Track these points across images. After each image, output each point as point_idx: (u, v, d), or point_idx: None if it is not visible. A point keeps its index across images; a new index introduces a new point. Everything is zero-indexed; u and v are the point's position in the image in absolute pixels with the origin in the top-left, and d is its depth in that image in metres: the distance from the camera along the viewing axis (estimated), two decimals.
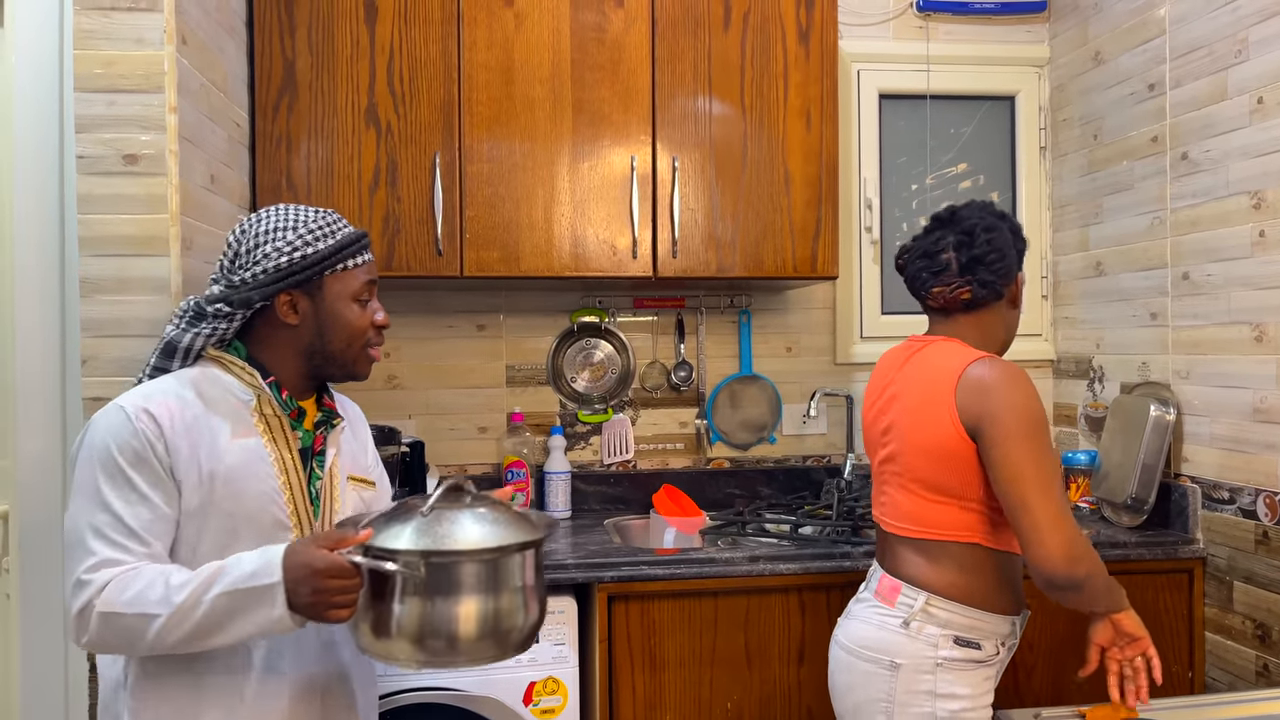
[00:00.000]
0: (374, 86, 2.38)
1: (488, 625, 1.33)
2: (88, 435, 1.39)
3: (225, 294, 1.46)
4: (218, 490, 1.40)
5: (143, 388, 1.43)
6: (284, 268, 1.44)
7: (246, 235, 1.47)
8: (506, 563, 1.35)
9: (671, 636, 2.25)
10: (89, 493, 1.35)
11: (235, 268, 1.47)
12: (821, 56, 2.55)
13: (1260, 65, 2.19)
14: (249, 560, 1.32)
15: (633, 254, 2.50)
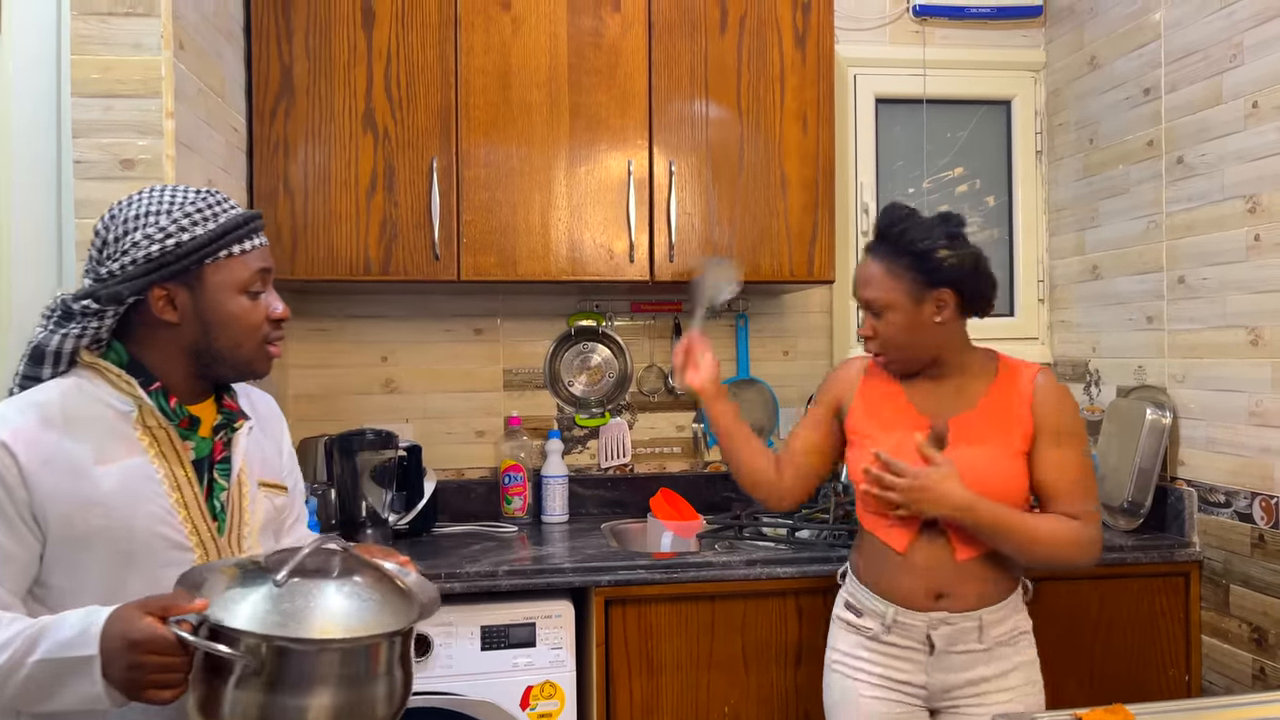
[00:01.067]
0: (371, 91, 2.39)
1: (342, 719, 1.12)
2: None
3: (92, 289, 1.27)
4: (95, 520, 1.23)
5: (3, 412, 1.25)
6: (155, 257, 1.26)
7: (115, 221, 1.28)
8: (368, 652, 1.13)
9: (668, 640, 2.26)
10: None
11: (103, 258, 1.28)
12: (818, 60, 2.56)
13: (1255, 70, 2.20)
14: (70, 623, 1.15)
15: (630, 258, 2.50)
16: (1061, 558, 1.75)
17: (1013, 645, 1.81)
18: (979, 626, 1.78)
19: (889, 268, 1.77)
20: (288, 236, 2.36)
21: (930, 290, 1.76)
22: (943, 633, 1.79)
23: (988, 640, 1.78)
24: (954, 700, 1.81)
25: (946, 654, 1.80)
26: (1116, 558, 2.34)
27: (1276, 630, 2.16)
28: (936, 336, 1.79)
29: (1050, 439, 1.76)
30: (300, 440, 2.66)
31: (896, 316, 1.77)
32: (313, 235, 2.37)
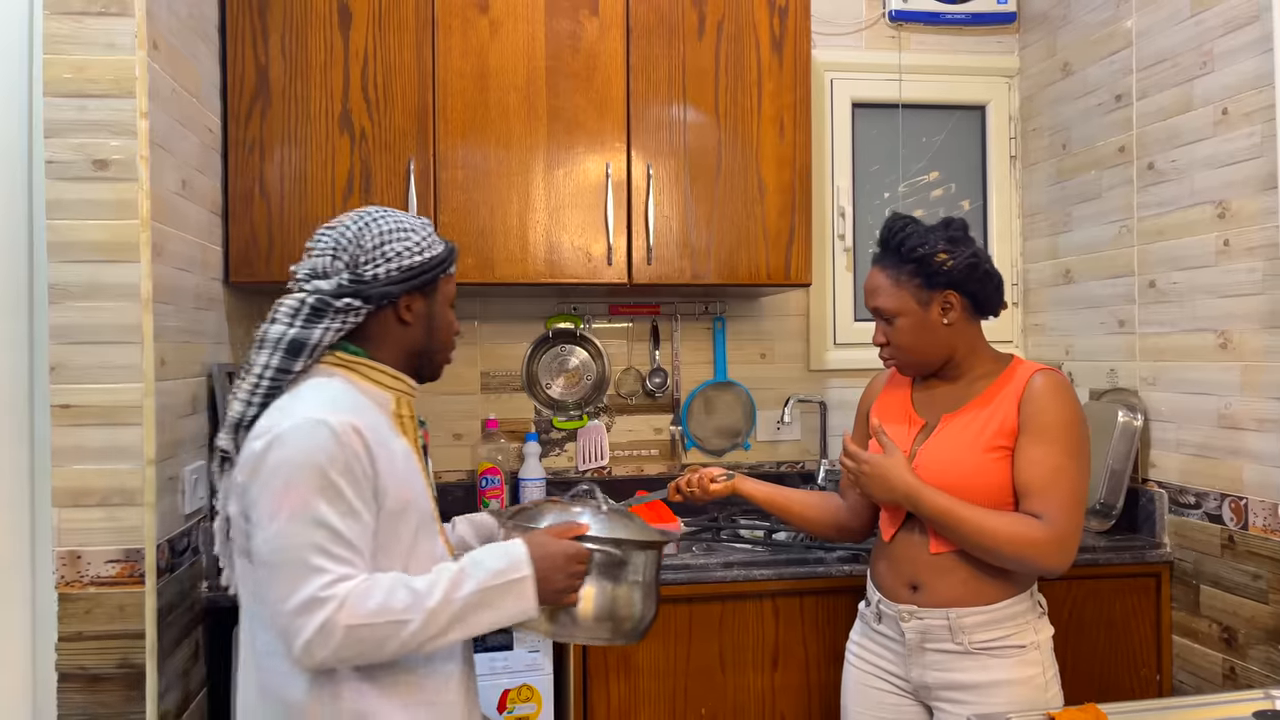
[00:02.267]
0: (348, 93, 2.38)
1: (648, 607, 1.61)
2: (286, 452, 1.34)
3: (356, 289, 1.45)
4: (405, 494, 1.44)
5: (323, 401, 1.39)
6: (414, 268, 1.48)
7: (367, 232, 1.47)
8: (659, 553, 1.65)
9: (646, 644, 2.26)
10: (299, 508, 1.32)
11: (360, 264, 1.46)
12: (795, 65, 2.57)
13: (1225, 77, 2.23)
14: (490, 558, 1.43)
15: (608, 261, 2.50)
16: (1018, 557, 1.70)
17: (1000, 656, 1.77)
18: (949, 626, 1.78)
19: (893, 276, 1.83)
20: (264, 238, 2.35)
21: (934, 293, 1.80)
22: (913, 625, 1.81)
23: (964, 643, 1.77)
24: (936, 701, 1.82)
25: (922, 650, 1.81)
26: (1089, 559, 2.37)
27: (1246, 630, 2.19)
28: (947, 338, 1.84)
29: (1030, 436, 1.75)
30: None
31: (906, 322, 1.83)
32: (289, 237, 2.35)
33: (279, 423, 1.36)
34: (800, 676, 2.31)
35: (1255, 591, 2.16)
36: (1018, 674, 1.77)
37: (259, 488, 1.35)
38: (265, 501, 1.34)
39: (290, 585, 1.31)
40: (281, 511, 1.32)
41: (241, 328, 2.50)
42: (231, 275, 2.34)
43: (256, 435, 1.38)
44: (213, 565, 2.11)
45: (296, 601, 1.30)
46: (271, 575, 1.33)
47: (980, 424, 1.80)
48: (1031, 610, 1.81)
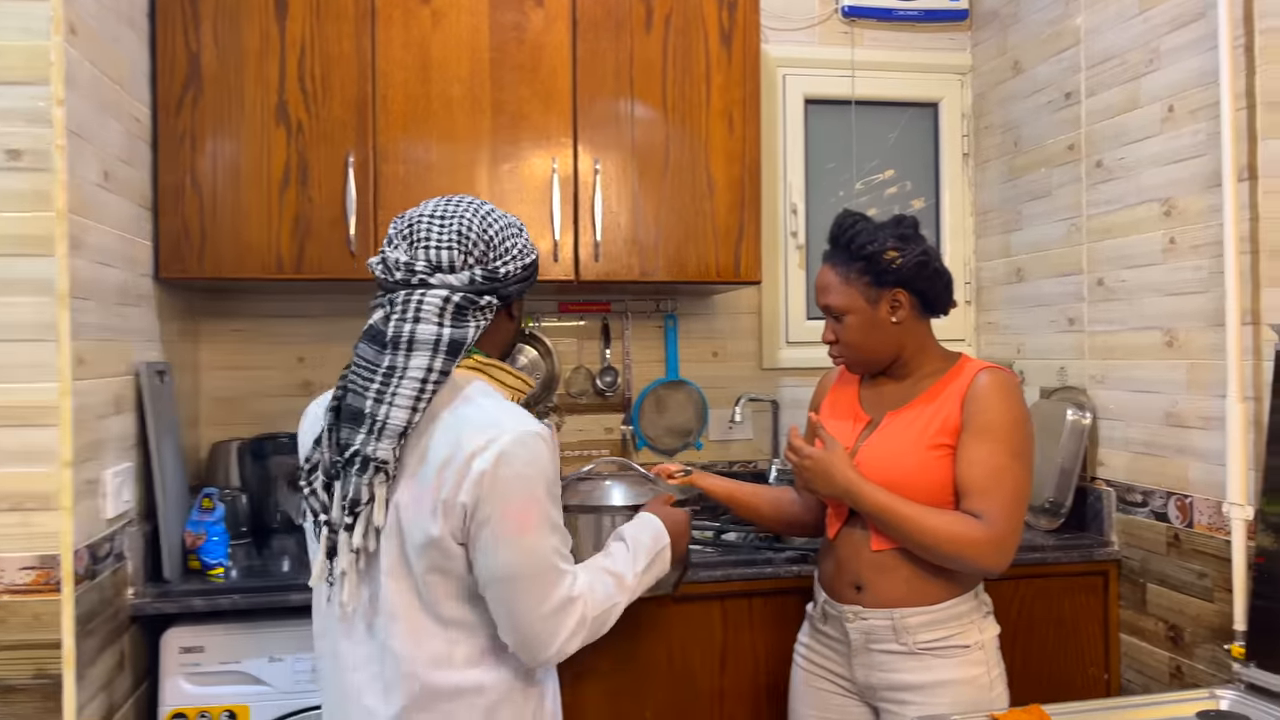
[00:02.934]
0: (284, 83, 2.31)
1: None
2: (517, 467, 1.34)
3: (493, 287, 1.41)
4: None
5: (513, 411, 1.40)
6: (530, 266, 1.48)
7: (491, 226, 1.43)
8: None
9: (594, 647, 2.17)
10: (542, 520, 1.38)
11: (493, 259, 1.42)
12: (744, 59, 2.54)
13: (1171, 75, 2.23)
14: (642, 532, 1.60)
15: (554, 257, 2.45)
16: (955, 555, 1.68)
17: (945, 656, 1.75)
18: (893, 626, 1.76)
19: (843, 273, 1.81)
20: (195, 233, 2.27)
21: (883, 292, 1.79)
22: (858, 626, 1.79)
23: (908, 644, 1.75)
24: (881, 702, 1.80)
25: (867, 650, 1.79)
26: (1037, 558, 2.36)
27: (1192, 629, 2.18)
28: (896, 336, 1.82)
29: (972, 435, 1.73)
30: (212, 445, 2.56)
31: (855, 320, 1.81)
32: (222, 231, 2.28)
33: (494, 438, 1.33)
34: (749, 678, 2.28)
35: (1201, 590, 2.15)
36: (962, 674, 1.75)
37: (495, 505, 1.33)
38: (509, 518, 1.34)
39: (543, 591, 1.37)
40: (529, 525, 1.35)
41: (175, 325, 2.42)
42: (161, 270, 2.26)
43: (469, 454, 1.32)
44: (141, 571, 2.04)
45: (552, 605, 1.38)
46: (521, 586, 1.36)
47: (924, 421, 1.78)
48: (976, 610, 1.79)
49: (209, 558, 2.16)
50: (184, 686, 2.05)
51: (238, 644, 2.07)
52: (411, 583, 1.38)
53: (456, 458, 1.33)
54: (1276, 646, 1.80)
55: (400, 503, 1.37)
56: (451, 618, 1.40)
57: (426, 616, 1.39)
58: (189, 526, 2.19)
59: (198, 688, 2.05)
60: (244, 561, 2.29)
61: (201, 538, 2.16)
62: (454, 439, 1.35)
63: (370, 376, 1.36)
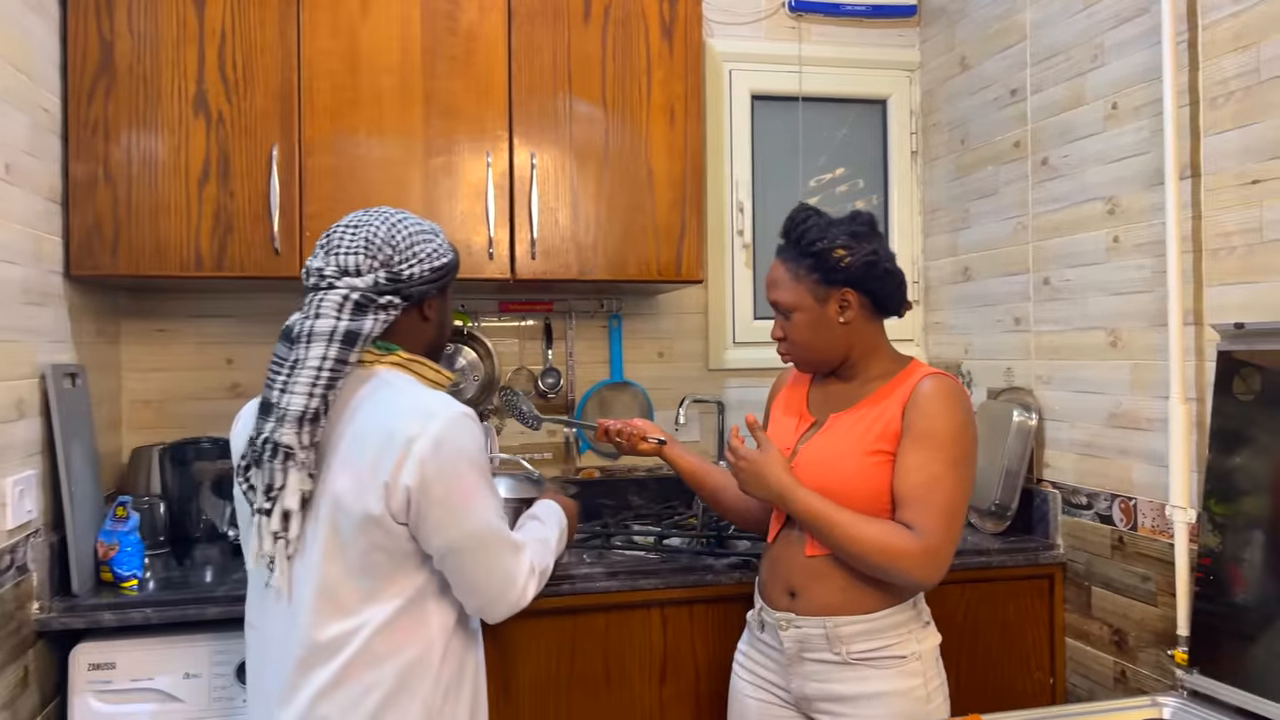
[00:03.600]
0: (204, 72, 2.21)
1: None
2: (457, 445, 1.44)
3: (395, 287, 1.50)
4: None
5: (441, 398, 1.48)
6: (440, 269, 1.55)
7: (399, 233, 1.53)
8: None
9: (525, 659, 2.14)
10: (485, 490, 1.50)
11: (397, 263, 1.51)
12: (685, 52, 2.48)
13: (1115, 71, 2.20)
14: (551, 512, 1.79)
15: (489, 255, 2.37)
16: (886, 566, 1.62)
17: (880, 667, 1.69)
18: (826, 635, 1.70)
19: (793, 270, 1.76)
20: (109, 228, 2.17)
21: (832, 290, 1.73)
22: (791, 634, 1.74)
23: (842, 653, 1.70)
24: (816, 713, 1.75)
25: (801, 660, 1.74)
26: (983, 561, 2.32)
27: (1136, 633, 2.15)
28: (844, 337, 1.76)
29: (910, 442, 1.68)
30: (134, 450, 2.46)
31: (802, 318, 1.75)
32: (137, 227, 2.18)
33: (428, 422, 1.42)
34: (689, 688, 2.22)
35: (1144, 594, 2.12)
36: (897, 685, 1.69)
37: (443, 484, 1.42)
38: (457, 494, 1.44)
39: (498, 552, 1.50)
40: (475, 496, 1.46)
41: (89, 325, 2.31)
42: (73, 268, 2.15)
43: (407, 439, 1.41)
44: (48, 584, 1.94)
45: (506, 562, 1.51)
46: (479, 552, 1.47)
47: (865, 425, 1.73)
48: (914, 620, 1.74)
49: (122, 569, 2.05)
50: (94, 705, 1.95)
51: (151, 660, 1.97)
52: (344, 565, 1.44)
53: (393, 442, 1.41)
54: (1220, 652, 1.77)
55: (337, 487, 1.44)
56: (382, 593, 1.46)
57: (356, 590, 1.45)
58: (101, 536, 2.08)
59: (109, 706, 1.95)
60: (161, 573, 2.19)
61: (114, 548, 2.06)
62: (386, 424, 1.43)
63: (279, 371, 1.46)
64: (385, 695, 1.45)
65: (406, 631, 1.47)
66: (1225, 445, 1.81)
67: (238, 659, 1.99)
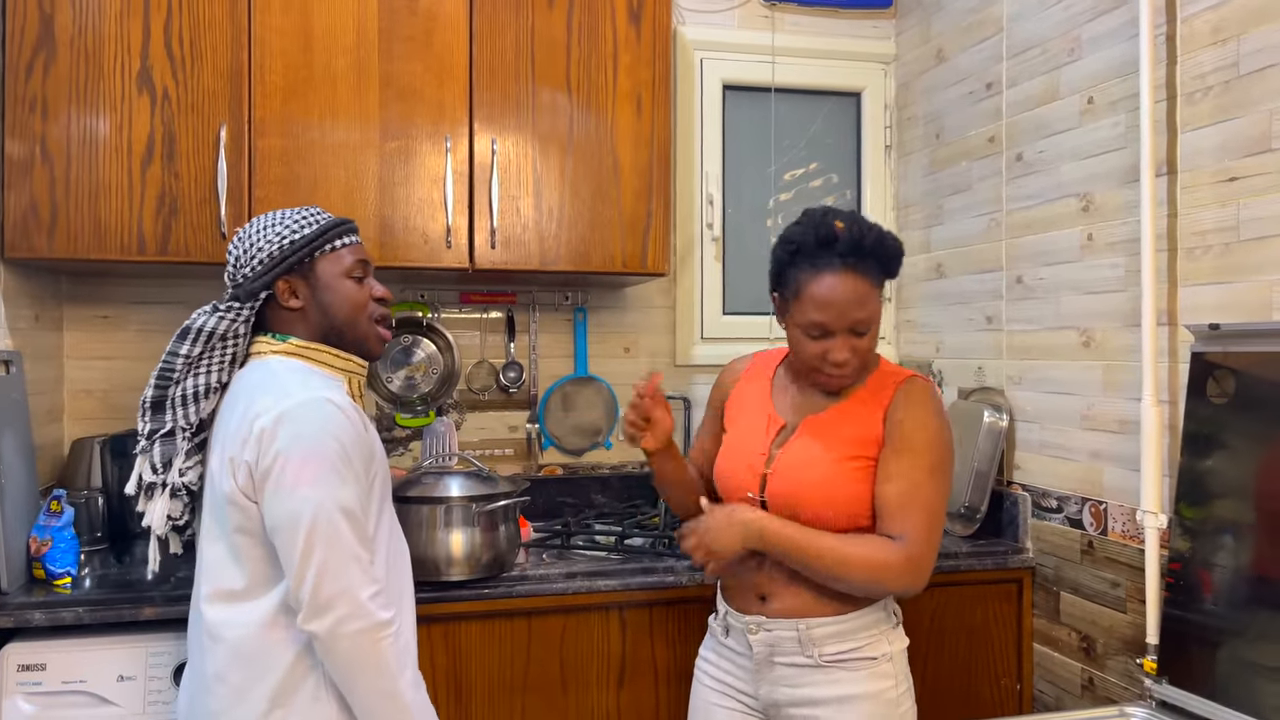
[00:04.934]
0: (148, 47, 2.11)
1: None
2: (304, 426, 1.46)
3: (235, 293, 1.59)
4: (384, 470, 1.60)
5: (311, 383, 1.51)
6: (276, 255, 1.57)
7: (243, 240, 1.61)
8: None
9: (479, 661, 2.06)
10: (322, 478, 1.45)
11: (238, 269, 1.60)
12: (654, 39, 2.40)
13: (1091, 64, 2.14)
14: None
15: (446, 243, 2.29)
16: (872, 581, 1.58)
17: (852, 669, 1.64)
18: (798, 638, 1.64)
19: (875, 281, 1.62)
20: (45, 209, 2.07)
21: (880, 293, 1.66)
22: (761, 638, 1.67)
23: (814, 655, 1.64)
24: (787, 719, 1.68)
25: (771, 664, 1.67)
26: (951, 564, 2.27)
27: (1104, 639, 2.10)
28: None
29: (892, 448, 1.63)
30: (74, 441, 2.36)
31: (875, 330, 1.65)
32: (76, 208, 2.08)
33: (279, 402, 1.46)
34: (649, 693, 2.15)
35: (1114, 600, 2.08)
36: (869, 687, 1.64)
37: (274, 460, 1.44)
38: (287, 471, 1.43)
39: (329, 549, 1.43)
40: (304, 480, 1.43)
41: (26, 310, 2.21)
42: (7, 250, 2.05)
43: (254, 417, 1.46)
44: None
45: (344, 570, 1.43)
46: (295, 535, 1.43)
47: (845, 431, 1.66)
48: (885, 620, 1.69)
49: (54, 566, 1.96)
50: (23, 707, 1.86)
51: (83, 661, 1.88)
52: (223, 545, 1.51)
53: (245, 421, 1.48)
54: (1190, 661, 1.72)
55: (211, 467, 1.55)
56: (259, 576, 1.49)
57: (238, 576, 1.50)
58: (34, 531, 1.99)
59: (39, 709, 1.86)
60: (98, 570, 2.10)
61: (47, 544, 1.97)
62: (244, 406, 1.50)
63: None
64: (274, 692, 1.48)
65: (286, 633, 1.49)
66: (1197, 449, 1.76)
67: (174, 661, 1.90)
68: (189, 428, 1.59)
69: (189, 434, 1.60)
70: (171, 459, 1.60)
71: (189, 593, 1.83)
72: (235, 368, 1.63)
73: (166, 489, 1.60)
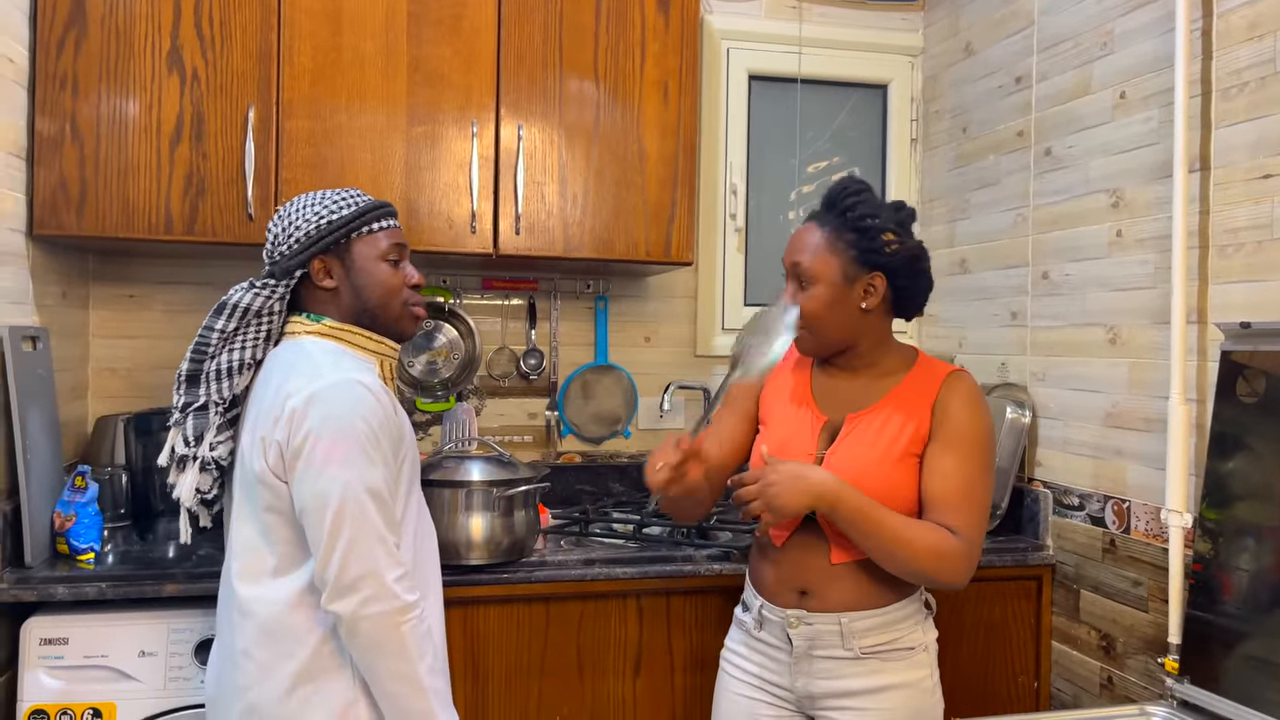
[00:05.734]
0: (179, 27, 2.12)
1: None
2: (334, 407, 1.47)
3: (271, 270, 1.62)
4: (412, 453, 1.63)
5: (350, 366, 1.53)
6: (312, 235, 1.59)
7: (281, 218, 1.63)
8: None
9: (497, 645, 2.07)
10: (351, 459, 1.47)
11: (275, 247, 1.62)
12: (682, 27, 2.39)
13: (1125, 59, 2.12)
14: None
15: (471, 228, 2.29)
16: (928, 570, 1.57)
17: (890, 660, 1.64)
18: (840, 631, 1.64)
19: (830, 239, 1.63)
20: (75, 187, 2.08)
21: (865, 272, 1.63)
22: (801, 632, 1.67)
23: (854, 648, 1.64)
24: (821, 710, 1.68)
25: (810, 658, 1.67)
26: None
27: (1124, 639, 2.09)
28: (858, 323, 1.66)
29: (942, 443, 1.62)
30: (98, 419, 2.38)
31: (823, 291, 1.63)
32: (105, 186, 2.09)
33: (310, 383, 1.48)
34: (664, 681, 2.15)
35: (1135, 599, 2.06)
36: (906, 677, 1.65)
37: (305, 440, 1.45)
38: (317, 450, 1.45)
39: (356, 530, 1.44)
40: (334, 459, 1.44)
41: (54, 288, 2.22)
42: (36, 227, 2.07)
43: (286, 396, 1.48)
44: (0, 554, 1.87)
45: (368, 550, 1.44)
46: (323, 516, 1.44)
47: (894, 429, 1.65)
48: (920, 611, 1.71)
49: (78, 541, 1.98)
50: (45, 681, 1.87)
51: (105, 636, 1.89)
52: (254, 524, 1.53)
53: (277, 400, 1.50)
54: (1212, 662, 1.71)
55: (242, 445, 1.57)
56: (288, 555, 1.51)
57: (268, 555, 1.52)
58: (58, 507, 2.01)
59: (60, 683, 1.88)
60: (120, 546, 2.11)
61: (71, 519, 1.98)
62: (277, 385, 1.51)
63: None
64: (299, 670, 1.49)
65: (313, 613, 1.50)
66: (1224, 449, 1.75)
67: (196, 638, 1.91)
68: (222, 402, 1.61)
69: (221, 409, 1.61)
70: (204, 433, 1.61)
71: (211, 570, 1.85)
72: (270, 345, 1.64)
73: (197, 462, 1.61)
